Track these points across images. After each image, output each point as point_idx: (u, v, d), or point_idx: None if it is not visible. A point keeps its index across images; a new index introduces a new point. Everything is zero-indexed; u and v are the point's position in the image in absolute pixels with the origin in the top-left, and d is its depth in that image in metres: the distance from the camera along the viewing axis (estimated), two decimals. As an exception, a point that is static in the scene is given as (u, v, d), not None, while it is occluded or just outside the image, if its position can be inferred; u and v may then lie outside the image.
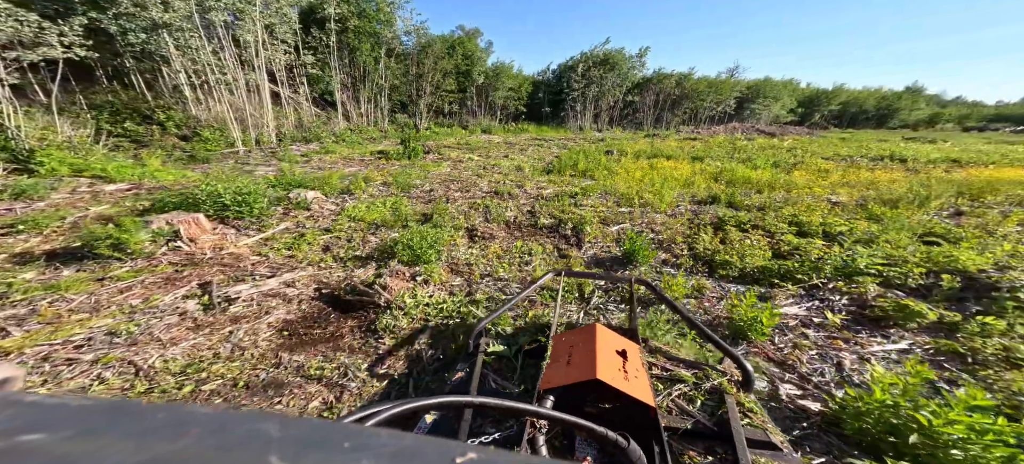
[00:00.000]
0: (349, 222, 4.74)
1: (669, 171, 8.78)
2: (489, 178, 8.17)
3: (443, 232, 4.34)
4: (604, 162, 10.10)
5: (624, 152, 13.02)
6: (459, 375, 1.65)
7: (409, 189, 6.80)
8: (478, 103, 23.58)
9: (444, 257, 3.86)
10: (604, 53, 27.65)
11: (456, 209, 5.66)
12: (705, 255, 3.89)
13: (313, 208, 5.18)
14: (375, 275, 3.25)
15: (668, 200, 6.12)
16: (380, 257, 3.74)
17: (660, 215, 5.59)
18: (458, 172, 8.77)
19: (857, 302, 2.87)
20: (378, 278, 3.09)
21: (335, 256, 3.84)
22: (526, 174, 8.87)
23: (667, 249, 4.19)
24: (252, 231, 4.34)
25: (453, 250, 4.06)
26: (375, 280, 3.08)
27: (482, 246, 4.24)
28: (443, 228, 4.55)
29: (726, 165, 9.35)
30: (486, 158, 11.42)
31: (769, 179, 7.81)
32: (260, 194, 4.74)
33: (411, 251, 3.55)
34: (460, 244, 4.30)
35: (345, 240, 4.26)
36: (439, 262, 3.70)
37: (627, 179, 8.03)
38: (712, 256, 3.80)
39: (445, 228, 4.58)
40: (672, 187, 7.33)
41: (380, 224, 4.73)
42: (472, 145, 14.68)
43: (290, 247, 3.96)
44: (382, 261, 3.63)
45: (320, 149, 10.44)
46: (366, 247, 4.08)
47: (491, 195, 6.69)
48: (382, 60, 14.47)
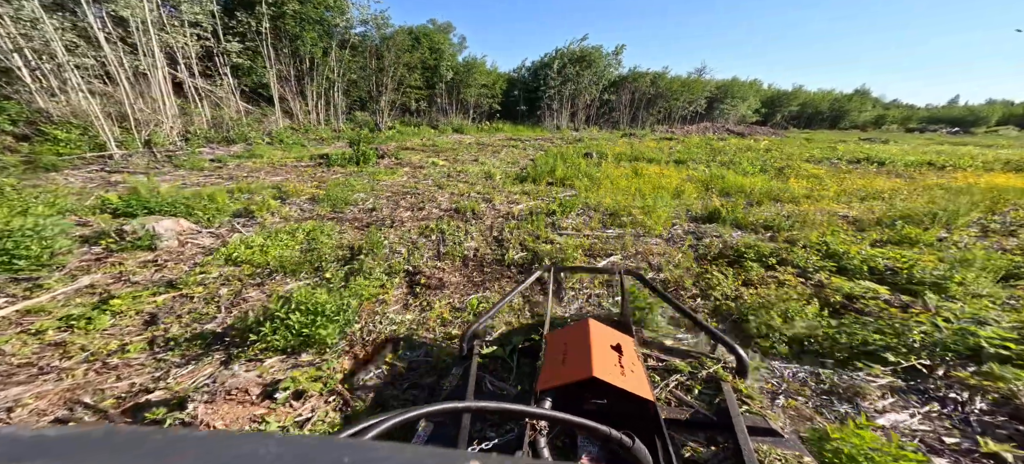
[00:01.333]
0: (224, 267, 3.28)
1: (656, 178, 7.88)
2: (452, 189, 6.88)
3: (368, 282, 3.04)
4: (584, 167, 9.08)
5: (604, 154, 12.13)
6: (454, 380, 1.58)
7: (344, 207, 5.36)
8: (449, 101, 22.03)
9: (358, 329, 2.56)
10: (581, 49, 26.90)
11: (400, 238, 4.35)
12: (728, 308, 2.86)
13: (165, 245, 3.56)
14: (195, 388, 1.91)
15: (663, 218, 5.12)
16: (243, 335, 2.33)
17: (655, 240, 4.57)
18: (416, 182, 7.40)
19: (1004, 406, 1.90)
20: (196, 398, 1.73)
21: (159, 337, 2.38)
22: (497, 183, 7.65)
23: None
24: (12, 294, 2.67)
25: (375, 316, 2.75)
26: (190, 399, 1.73)
27: (423, 302, 2.98)
28: (372, 273, 3.24)
29: (715, 171, 8.60)
30: (453, 163, 10.08)
31: (764, 188, 7.08)
32: (55, 228, 3.11)
33: (289, 331, 2.21)
34: (391, 300, 3.00)
35: (201, 301, 2.79)
36: (340, 345, 2.39)
37: (611, 189, 7.01)
38: (740, 311, 2.77)
39: (375, 272, 3.27)
40: (663, 199, 6.39)
41: (278, 268, 3.32)
42: (439, 147, 13.25)
43: (72, 323, 2.43)
44: (242, 344, 2.27)
45: (245, 152, 8.62)
46: (230, 315, 2.65)
47: (450, 214, 5.42)
48: (333, 52, 12.63)
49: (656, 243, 4.44)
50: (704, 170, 9.30)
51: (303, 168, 7.75)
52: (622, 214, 5.43)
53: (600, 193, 6.67)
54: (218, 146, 8.82)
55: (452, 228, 4.72)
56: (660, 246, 4.33)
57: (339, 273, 3.23)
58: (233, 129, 9.34)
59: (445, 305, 2.93)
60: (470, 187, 7.14)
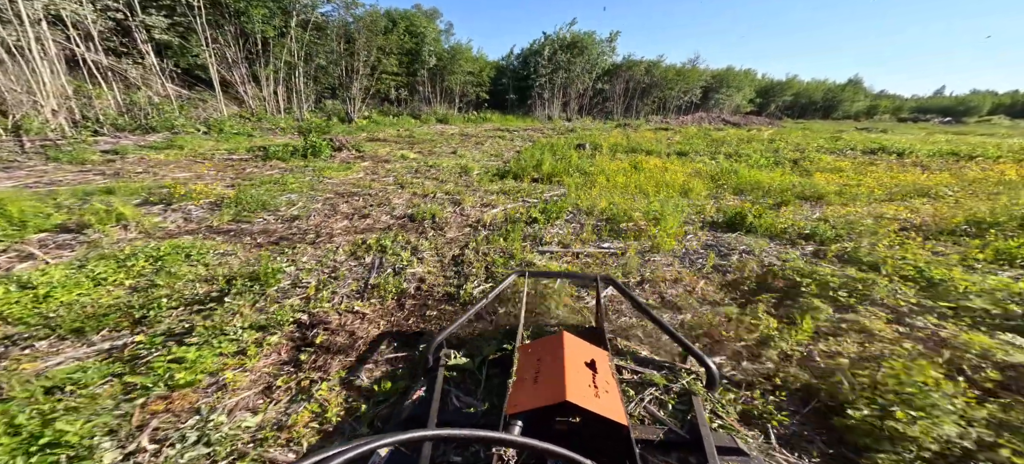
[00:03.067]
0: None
1: (657, 174, 6.76)
2: (416, 188, 5.66)
3: (201, 353, 1.85)
4: (575, 160, 7.91)
5: (598, 146, 10.98)
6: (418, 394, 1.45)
7: (254, 216, 4.09)
8: (432, 89, 20.55)
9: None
10: (572, 35, 25.52)
11: (319, 261, 3.15)
12: (798, 382, 1.76)
13: None
14: None
15: (673, 228, 4.00)
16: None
17: (666, 259, 3.45)
18: (373, 179, 6.15)
19: None
20: None
21: None
22: (473, 180, 6.45)
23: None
24: None
25: (179, 419, 1.56)
26: None
27: (307, 377, 1.79)
28: (229, 327, 2.05)
29: (724, 164, 7.52)
30: (426, 156, 8.83)
31: (785, 184, 6.02)
32: None
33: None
34: (244, 381, 1.81)
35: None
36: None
37: (607, 187, 5.88)
38: (825, 388, 1.67)
39: (236, 326, 2.08)
40: (669, 198, 5.29)
41: (62, 323, 2.09)
42: (416, 138, 11.94)
43: None
44: None
45: (163, 143, 7.20)
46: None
47: (403, 223, 4.22)
48: (292, 31, 11.10)
49: (668, 264, 3.32)
50: (710, 163, 8.22)
51: (233, 162, 6.39)
52: (621, 220, 4.31)
53: (594, 193, 5.52)
54: (130, 135, 7.34)
55: (398, 245, 3.54)
56: (674, 269, 3.21)
57: (155, 334, 2.02)
58: (155, 116, 7.87)
59: (337, 390, 1.74)
60: (439, 186, 5.93)
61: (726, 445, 1.21)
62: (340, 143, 7.47)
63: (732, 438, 1.24)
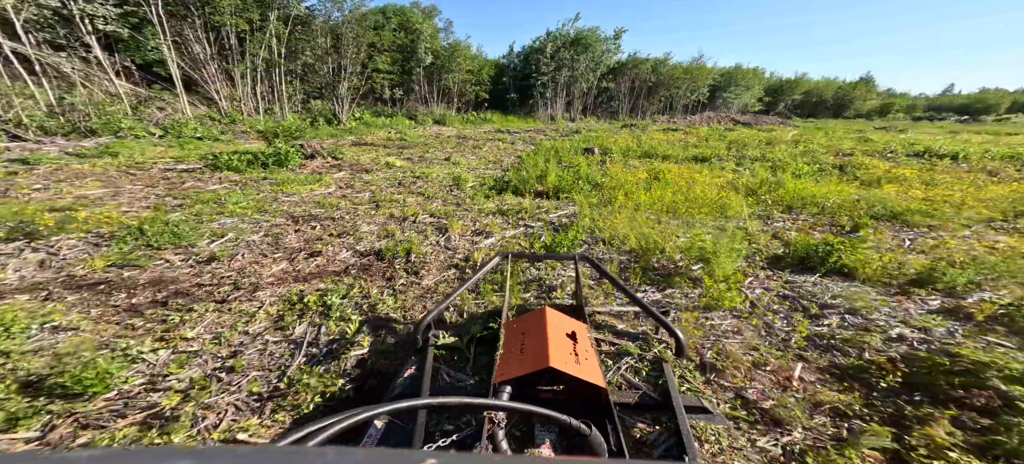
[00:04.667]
0: None
1: (684, 186, 5.70)
2: (395, 209, 4.63)
3: None
4: (585, 169, 6.86)
5: (607, 150, 9.92)
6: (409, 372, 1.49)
7: (164, 249, 3.07)
8: (429, 89, 19.52)
9: None
10: (575, 32, 24.43)
11: (213, 336, 2.11)
12: None
13: None
14: None
15: (729, 272, 2.94)
16: None
17: (728, 320, 2.40)
18: (345, 195, 5.13)
19: None
20: None
21: None
22: (466, 195, 5.42)
23: None
24: None
25: None
26: None
27: None
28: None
29: (760, 173, 6.43)
30: (416, 163, 7.81)
31: (844, 198, 4.94)
32: None
33: None
34: None
35: None
36: None
37: (628, 205, 4.83)
38: None
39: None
40: (706, 218, 4.24)
41: None
42: (408, 141, 10.93)
43: None
44: None
45: (98, 150, 6.14)
46: None
47: (367, 262, 3.18)
48: (271, 26, 10.06)
49: (735, 332, 2.27)
50: (740, 170, 7.14)
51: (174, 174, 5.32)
52: (652, 253, 3.26)
53: (614, 216, 4.46)
54: (60, 139, 6.27)
55: (350, 303, 2.50)
56: (748, 342, 2.15)
57: None
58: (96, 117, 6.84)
59: None
60: (423, 204, 4.90)
61: (693, 405, 1.31)
62: (313, 150, 6.46)
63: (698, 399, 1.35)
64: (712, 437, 1.28)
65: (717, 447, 1.27)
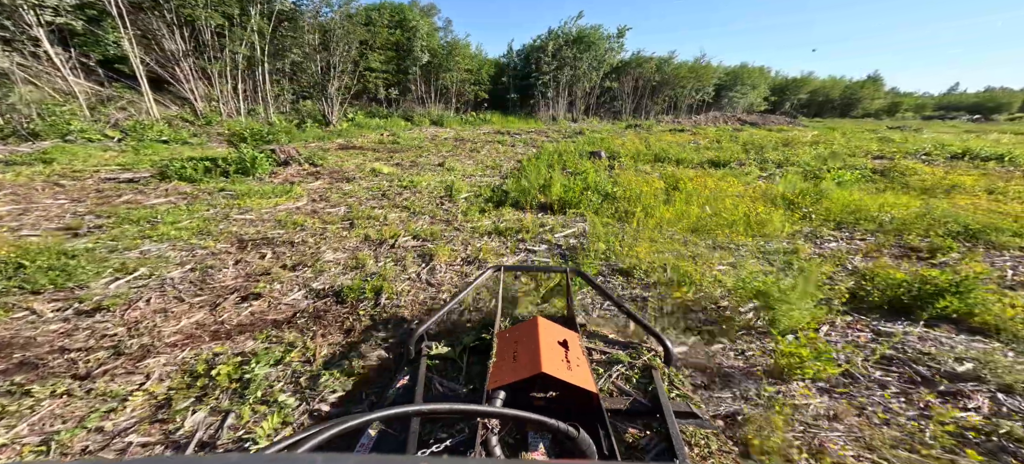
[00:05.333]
0: None
1: (708, 197, 4.95)
2: (370, 228, 3.90)
3: None
4: (593, 176, 6.12)
5: (615, 154, 9.18)
6: (403, 382, 1.49)
7: (42, 291, 2.34)
8: (426, 89, 18.82)
9: None
10: (578, 30, 23.68)
11: (34, 454, 1.37)
12: None
13: None
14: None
15: (803, 321, 2.19)
16: None
17: (816, 397, 1.65)
18: (316, 211, 4.40)
19: None
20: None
21: None
22: (458, 209, 4.70)
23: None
24: None
25: None
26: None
27: None
28: None
29: (792, 179, 5.66)
30: (407, 170, 7.10)
31: (908, 212, 4.18)
32: None
33: None
34: None
35: None
36: None
37: (645, 222, 4.08)
38: None
39: None
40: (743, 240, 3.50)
41: None
42: (401, 144, 10.21)
43: None
44: None
45: (32, 156, 5.33)
46: None
47: (321, 307, 2.45)
48: (253, 21, 9.33)
49: (831, 415, 1.52)
50: (764, 176, 6.38)
51: (111, 186, 4.55)
52: (683, 287, 2.53)
53: (639, 249, 3.71)
54: None
55: (283, 374, 1.77)
56: (860, 430, 1.40)
57: None
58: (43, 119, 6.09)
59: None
60: (408, 221, 4.17)
61: (683, 410, 1.32)
62: (287, 155, 5.73)
63: (688, 405, 1.36)
64: (701, 441, 1.26)
65: (706, 450, 1.23)
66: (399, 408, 0.67)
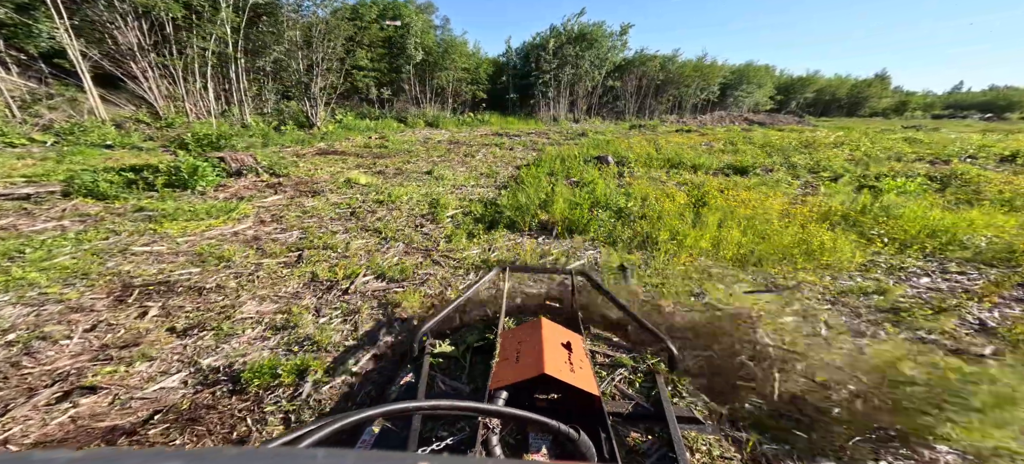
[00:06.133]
0: None
1: (743, 213, 4.08)
2: (323, 264, 3.03)
3: None
4: (602, 187, 5.26)
5: (624, 159, 8.31)
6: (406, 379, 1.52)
7: None
8: (420, 89, 17.96)
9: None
10: (580, 27, 22.82)
11: None
12: None
13: None
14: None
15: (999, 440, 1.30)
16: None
17: None
18: (257, 236, 3.53)
19: None
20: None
21: None
22: (440, 232, 3.84)
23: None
24: None
25: None
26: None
27: None
28: None
29: (845, 192, 4.76)
30: (391, 178, 6.25)
31: (1007, 232, 3.30)
32: None
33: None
34: None
35: None
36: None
37: (677, 250, 3.21)
38: None
39: None
40: (807, 276, 2.63)
41: None
42: (389, 148, 9.36)
43: None
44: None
45: None
46: None
47: (197, 407, 1.57)
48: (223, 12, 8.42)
49: None
50: (793, 181, 5.49)
51: (7, 200, 3.67)
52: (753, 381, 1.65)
53: (657, 277, 2.84)
54: None
55: None
56: None
57: None
58: None
59: None
60: (376, 249, 3.31)
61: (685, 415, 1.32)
62: (240, 164, 4.85)
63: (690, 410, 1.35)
64: (703, 447, 1.22)
65: (707, 458, 1.19)
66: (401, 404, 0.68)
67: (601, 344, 1.69)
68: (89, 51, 6.99)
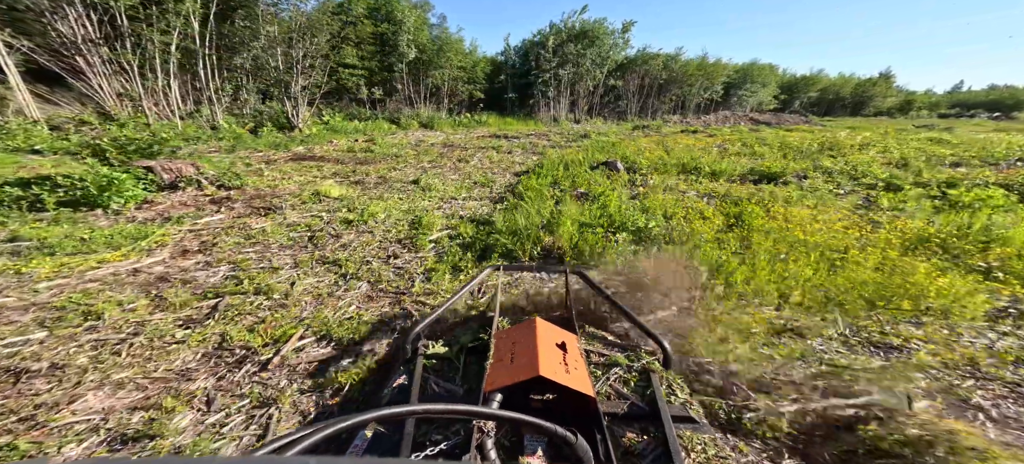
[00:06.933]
0: None
1: (798, 236, 3.25)
2: (242, 321, 2.19)
3: None
4: (614, 201, 4.44)
5: (634, 164, 7.49)
6: (399, 381, 1.48)
7: None
8: (414, 88, 17.12)
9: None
10: (581, 25, 22.00)
11: None
12: None
13: None
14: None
15: None
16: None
17: None
18: (166, 274, 2.69)
19: None
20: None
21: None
22: (418, 266, 3.02)
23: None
24: None
25: None
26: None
27: None
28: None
29: (928, 210, 3.93)
30: (370, 189, 5.44)
31: None
32: None
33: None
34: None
35: None
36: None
37: (732, 294, 2.37)
38: None
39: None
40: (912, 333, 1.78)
41: None
42: (376, 153, 8.53)
43: None
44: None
45: None
46: None
47: None
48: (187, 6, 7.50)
49: None
50: (838, 192, 4.67)
51: None
52: None
53: (713, 336, 2.00)
54: None
55: None
56: None
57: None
58: None
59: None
60: (328, 293, 2.48)
61: (680, 415, 1.30)
62: (176, 175, 3.95)
63: (685, 410, 1.33)
64: (698, 446, 1.19)
65: (703, 457, 1.17)
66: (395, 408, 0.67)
67: (596, 343, 1.68)
68: (16, 42, 6.13)
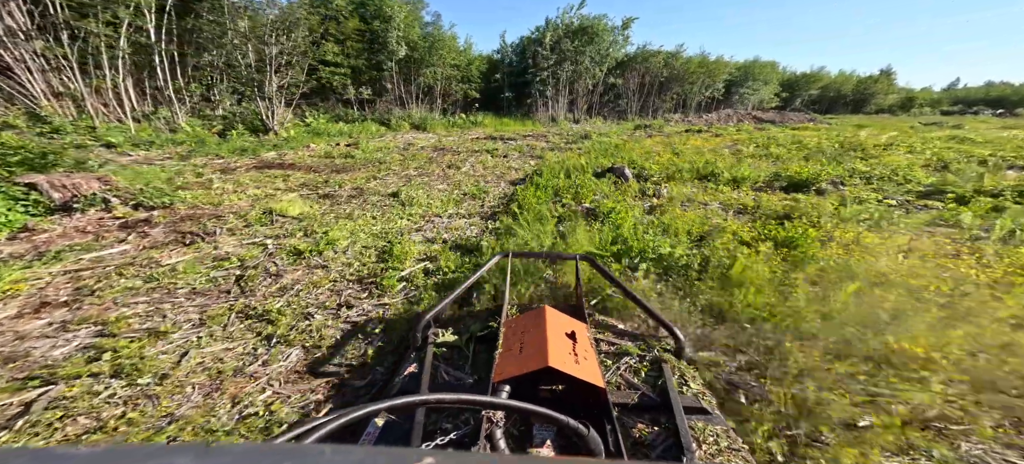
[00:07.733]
0: None
1: (869, 274, 2.49)
2: (83, 422, 1.40)
3: None
4: (628, 221, 3.68)
5: (643, 169, 6.73)
6: (409, 370, 1.49)
7: None
8: (404, 87, 16.28)
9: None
10: (580, 20, 21.21)
11: None
12: None
13: None
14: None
15: None
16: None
17: None
18: (11, 339, 1.90)
19: None
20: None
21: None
22: (386, 309, 2.22)
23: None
24: None
25: None
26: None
27: None
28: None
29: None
30: (341, 204, 4.65)
31: None
32: None
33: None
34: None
35: None
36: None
37: (810, 387, 1.60)
38: None
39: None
40: None
41: None
42: (358, 159, 7.73)
43: None
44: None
45: None
46: None
47: None
48: None
49: None
50: (892, 205, 3.92)
51: None
52: None
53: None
54: None
55: None
56: None
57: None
58: None
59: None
60: (242, 364, 1.69)
61: (692, 405, 1.28)
62: (72, 193, 3.10)
63: (697, 400, 1.32)
64: (710, 438, 1.17)
65: (715, 448, 1.14)
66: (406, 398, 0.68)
67: (606, 331, 1.65)
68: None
